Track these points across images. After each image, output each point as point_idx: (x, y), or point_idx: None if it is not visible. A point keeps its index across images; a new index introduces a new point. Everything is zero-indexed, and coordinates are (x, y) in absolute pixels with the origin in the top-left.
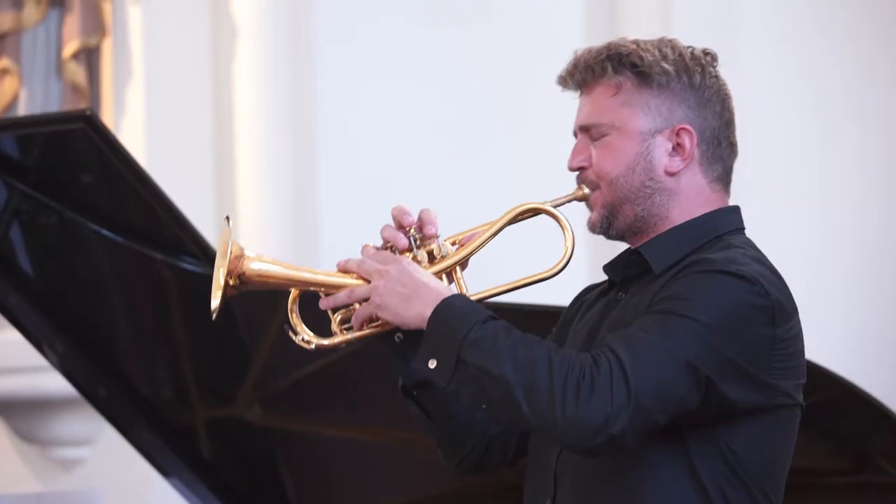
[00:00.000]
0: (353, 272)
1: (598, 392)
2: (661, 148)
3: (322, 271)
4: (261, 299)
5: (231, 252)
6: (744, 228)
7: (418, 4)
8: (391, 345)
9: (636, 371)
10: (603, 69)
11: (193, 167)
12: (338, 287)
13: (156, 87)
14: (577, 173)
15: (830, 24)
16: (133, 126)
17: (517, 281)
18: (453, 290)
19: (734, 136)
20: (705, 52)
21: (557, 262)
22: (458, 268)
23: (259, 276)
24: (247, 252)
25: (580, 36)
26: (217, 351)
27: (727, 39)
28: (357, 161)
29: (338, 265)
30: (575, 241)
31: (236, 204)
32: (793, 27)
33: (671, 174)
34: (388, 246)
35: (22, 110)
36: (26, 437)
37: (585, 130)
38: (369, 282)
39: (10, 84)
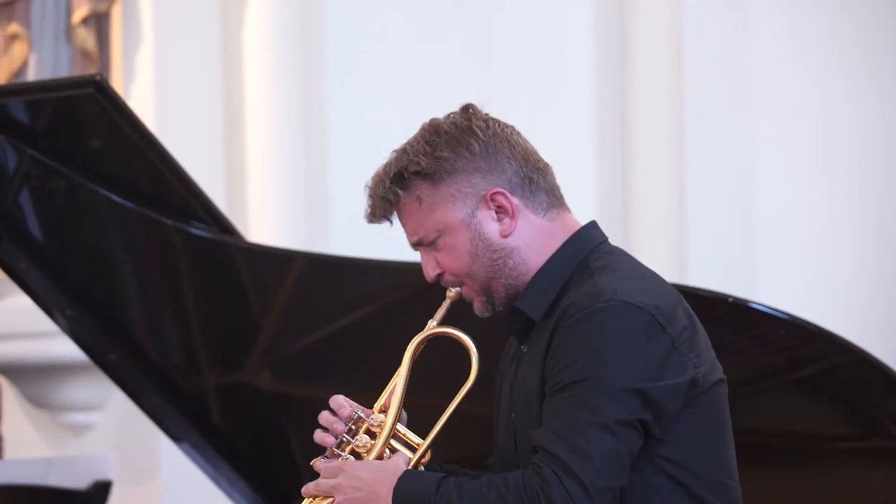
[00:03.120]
0: (316, 495)
1: None
2: (487, 220)
3: None
4: (271, 264)
5: None
6: (605, 241)
7: None
8: None
9: (579, 463)
10: (395, 194)
11: (203, 132)
12: None
13: (165, 52)
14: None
15: (837, 20)
16: (142, 91)
17: (447, 410)
18: (401, 463)
19: (537, 159)
20: (464, 110)
21: (471, 371)
22: (398, 427)
23: None
24: None
25: (589, 41)
26: (227, 316)
27: (735, 37)
28: (367, 123)
29: (301, 492)
30: (476, 350)
31: (245, 169)
32: (801, 23)
33: (507, 235)
34: (333, 451)
35: (31, 76)
36: (36, 402)
37: (419, 244)
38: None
39: (19, 49)
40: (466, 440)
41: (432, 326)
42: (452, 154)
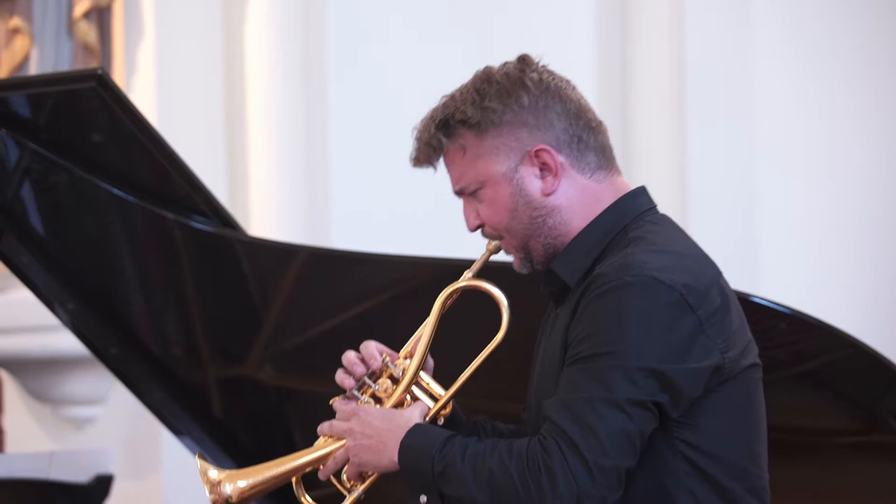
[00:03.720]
0: (329, 435)
1: (559, 480)
2: (529, 176)
3: (303, 451)
4: (273, 258)
5: (208, 486)
6: (651, 208)
7: None
8: None
9: (585, 438)
10: (439, 141)
11: (204, 126)
12: (323, 458)
13: (167, 46)
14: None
15: (837, 18)
16: (144, 85)
17: (473, 363)
18: (416, 414)
19: (590, 118)
20: (519, 60)
21: (501, 328)
22: (421, 374)
23: (245, 491)
24: (214, 475)
25: (589, 40)
26: (228, 310)
27: (736, 35)
28: (368, 117)
29: (318, 430)
30: (509, 305)
31: (247, 162)
32: (801, 20)
33: (550, 194)
34: (351, 392)
35: (33, 69)
36: (38, 396)
37: (461, 193)
38: None
39: (21, 43)
40: None
41: (467, 277)
42: (501, 105)
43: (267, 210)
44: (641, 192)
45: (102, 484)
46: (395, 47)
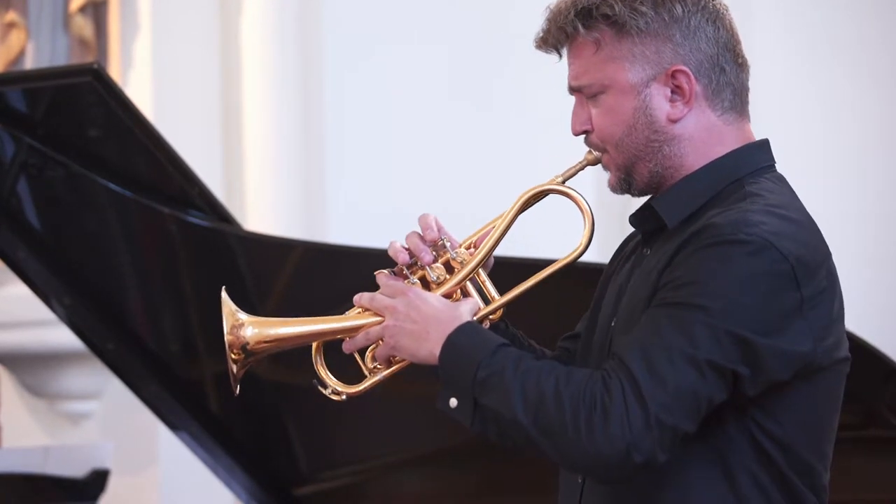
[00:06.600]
0: (368, 309)
1: (613, 422)
2: (659, 96)
3: (334, 317)
4: (269, 252)
5: (229, 325)
6: (772, 165)
7: None
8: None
9: (652, 387)
10: (575, 28)
11: (200, 121)
12: (353, 329)
13: (163, 40)
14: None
15: (838, 15)
16: (140, 80)
17: (540, 273)
18: (466, 311)
19: (739, 52)
20: None
21: (579, 244)
22: (481, 271)
23: (265, 339)
24: (242, 317)
25: None
26: None
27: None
28: (365, 110)
29: (354, 300)
30: (594, 220)
31: (243, 157)
32: (800, 16)
33: (675, 121)
34: (401, 268)
35: (29, 64)
36: (34, 390)
37: (578, 91)
38: (384, 318)
39: (17, 37)
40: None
41: (556, 181)
42: (652, 11)
43: (263, 204)
44: (765, 145)
45: (99, 478)
46: (394, 37)
